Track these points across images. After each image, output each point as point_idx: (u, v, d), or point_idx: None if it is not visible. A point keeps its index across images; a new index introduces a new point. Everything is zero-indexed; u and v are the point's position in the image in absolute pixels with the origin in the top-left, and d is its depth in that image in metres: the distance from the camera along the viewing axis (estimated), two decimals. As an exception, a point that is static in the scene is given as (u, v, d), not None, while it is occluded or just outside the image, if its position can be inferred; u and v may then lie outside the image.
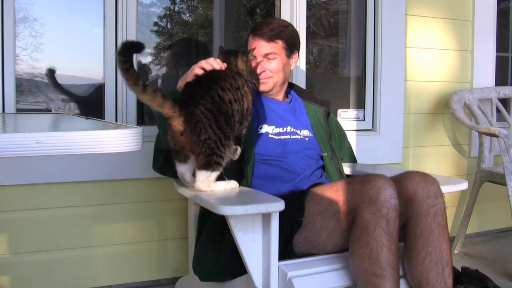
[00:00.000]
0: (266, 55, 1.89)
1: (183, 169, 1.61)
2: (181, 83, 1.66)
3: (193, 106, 1.48)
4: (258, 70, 1.88)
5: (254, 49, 1.80)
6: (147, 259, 2.32)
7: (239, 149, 1.61)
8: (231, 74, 1.61)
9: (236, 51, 1.71)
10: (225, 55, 1.70)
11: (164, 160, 1.75)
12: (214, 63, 1.63)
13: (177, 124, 1.48)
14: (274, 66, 1.91)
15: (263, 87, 1.92)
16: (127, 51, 1.36)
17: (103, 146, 1.03)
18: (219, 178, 1.58)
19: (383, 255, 1.47)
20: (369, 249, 1.48)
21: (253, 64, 1.79)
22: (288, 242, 1.65)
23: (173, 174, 1.69)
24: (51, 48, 2.34)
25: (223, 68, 1.64)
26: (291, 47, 1.95)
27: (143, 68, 2.68)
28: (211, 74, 1.61)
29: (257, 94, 1.92)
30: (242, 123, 1.62)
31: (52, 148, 0.98)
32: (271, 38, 1.90)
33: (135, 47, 1.40)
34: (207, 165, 1.51)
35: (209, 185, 1.55)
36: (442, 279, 1.56)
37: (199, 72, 1.62)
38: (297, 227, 1.65)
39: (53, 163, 2.08)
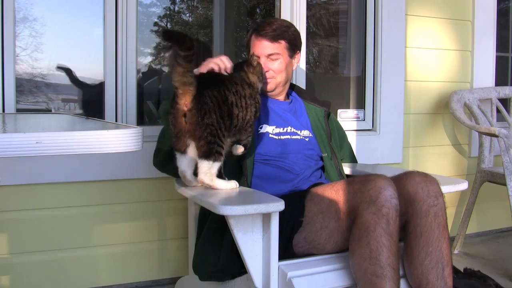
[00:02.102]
0: (269, 56, 1.89)
1: (183, 165, 1.61)
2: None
3: (202, 88, 1.50)
4: None
5: (253, 54, 1.81)
6: (147, 259, 2.32)
7: (241, 148, 1.63)
8: (240, 81, 1.63)
9: (241, 65, 1.73)
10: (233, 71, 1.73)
11: (165, 155, 1.75)
12: (226, 62, 1.69)
13: (183, 103, 1.49)
14: (277, 66, 1.91)
15: (266, 87, 1.92)
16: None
17: (103, 146, 1.02)
18: (219, 178, 1.58)
19: (383, 255, 1.47)
20: (369, 249, 1.48)
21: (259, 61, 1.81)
22: (288, 242, 1.65)
23: (174, 172, 1.69)
24: (51, 48, 2.33)
25: (229, 66, 1.69)
26: (294, 47, 1.95)
27: (143, 68, 2.68)
28: (221, 76, 1.65)
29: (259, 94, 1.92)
30: (241, 132, 1.62)
31: (52, 148, 0.98)
32: (274, 39, 1.90)
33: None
34: (208, 154, 1.51)
35: (212, 179, 1.55)
36: (442, 279, 1.56)
37: (215, 67, 1.67)
38: (297, 227, 1.65)
39: (53, 163, 2.08)
